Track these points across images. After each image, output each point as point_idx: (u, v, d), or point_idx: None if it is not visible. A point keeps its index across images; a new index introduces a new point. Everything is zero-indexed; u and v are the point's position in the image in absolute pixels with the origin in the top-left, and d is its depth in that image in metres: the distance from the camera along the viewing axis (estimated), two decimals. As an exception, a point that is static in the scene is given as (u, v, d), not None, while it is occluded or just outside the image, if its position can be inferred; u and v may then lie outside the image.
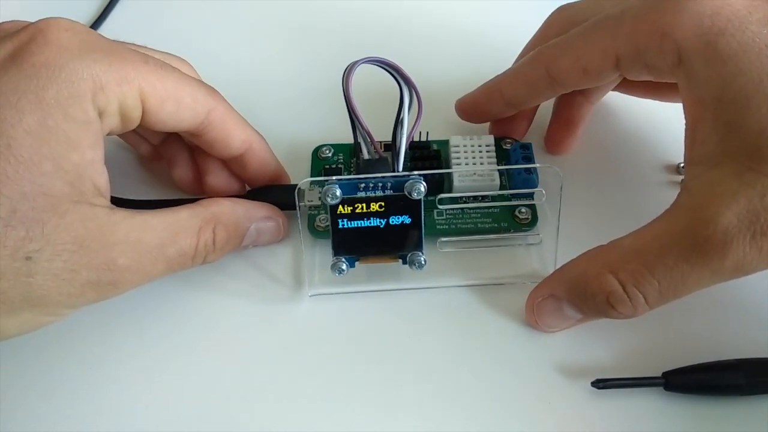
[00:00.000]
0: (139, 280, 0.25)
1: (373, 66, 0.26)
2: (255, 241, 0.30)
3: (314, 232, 0.30)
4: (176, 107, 0.26)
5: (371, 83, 0.27)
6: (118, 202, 0.30)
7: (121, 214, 0.25)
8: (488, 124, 0.34)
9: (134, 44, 0.28)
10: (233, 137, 0.29)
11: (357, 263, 0.28)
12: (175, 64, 0.28)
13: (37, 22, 0.24)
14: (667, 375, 0.26)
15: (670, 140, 0.34)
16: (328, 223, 0.27)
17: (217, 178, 0.31)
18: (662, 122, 0.35)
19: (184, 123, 0.27)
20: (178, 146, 0.31)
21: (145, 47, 0.28)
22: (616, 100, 0.35)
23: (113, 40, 0.26)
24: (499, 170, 0.31)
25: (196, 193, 0.31)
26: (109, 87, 0.24)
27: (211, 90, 0.28)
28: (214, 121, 0.28)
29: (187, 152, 0.31)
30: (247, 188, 0.31)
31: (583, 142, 0.34)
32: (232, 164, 0.30)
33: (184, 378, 0.27)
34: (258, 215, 0.29)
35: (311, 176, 0.32)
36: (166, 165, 0.32)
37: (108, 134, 0.26)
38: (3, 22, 0.26)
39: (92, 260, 0.24)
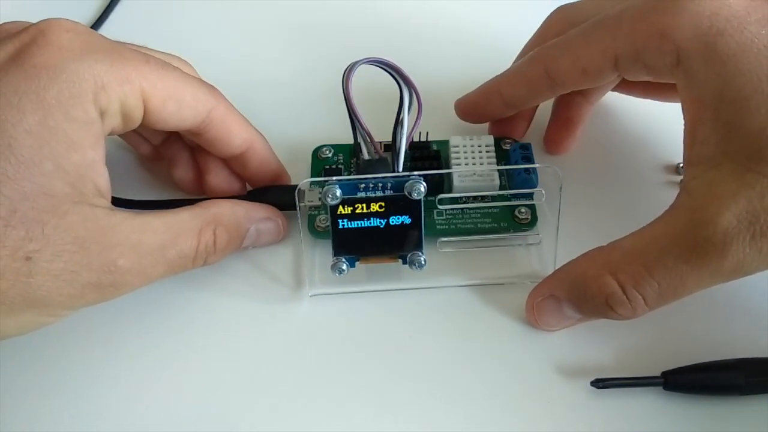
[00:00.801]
0: (139, 282, 0.25)
1: (373, 66, 0.27)
2: (255, 242, 0.30)
3: (314, 232, 0.30)
4: (178, 106, 0.26)
5: (371, 84, 0.27)
6: (118, 202, 0.30)
7: (122, 215, 0.25)
8: (488, 124, 0.34)
9: (135, 44, 0.28)
10: (234, 135, 0.29)
11: (357, 263, 0.28)
12: (176, 64, 0.28)
13: (38, 23, 0.25)
14: (666, 375, 0.26)
15: (670, 140, 0.34)
16: (329, 223, 0.27)
17: (217, 177, 0.31)
18: (662, 122, 0.35)
19: (185, 122, 0.27)
20: (178, 146, 0.31)
21: (146, 47, 0.28)
22: (616, 100, 0.35)
23: (114, 41, 0.26)
24: (498, 170, 0.31)
25: (196, 193, 0.32)
26: (111, 87, 0.24)
27: (212, 89, 0.28)
28: (215, 119, 0.28)
29: (188, 152, 0.31)
30: (248, 188, 0.31)
31: (583, 142, 0.34)
32: (233, 163, 0.30)
33: (184, 378, 0.27)
34: (258, 216, 0.29)
35: (311, 177, 0.32)
36: (166, 165, 0.32)
37: (109, 134, 0.26)
38: (4, 23, 0.26)
39: (93, 261, 0.24)
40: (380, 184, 0.27)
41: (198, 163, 0.31)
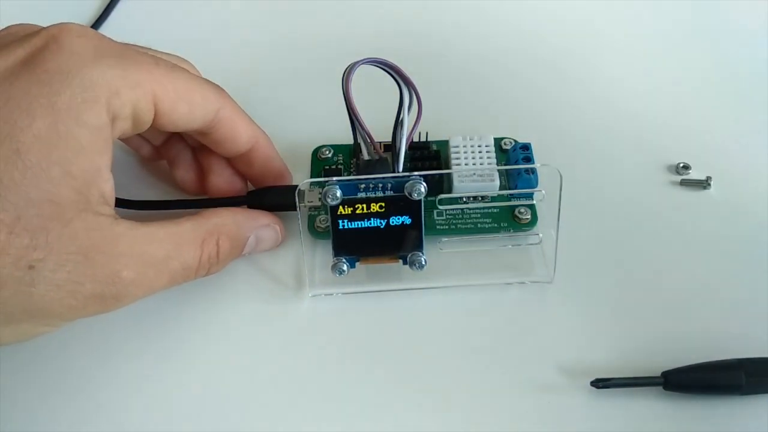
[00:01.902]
0: (142, 294, 0.25)
1: (373, 66, 0.27)
2: (254, 250, 0.30)
3: (315, 232, 0.30)
4: (188, 108, 0.26)
5: (371, 84, 0.27)
6: (117, 202, 0.30)
7: (126, 224, 0.24)
8: (488, 123, 0.34)
9: (138, 46, 0.28)
10: (241, 134, 0.29)
11: (357, 264, 0.28)
12: (179, 65, 0.28)
13: (48, 28, 0.24)
14: (666, 374, 0.26)
15: (670, 140, 0.34)
16: (329, 223, 0.27)
17: (220, 177, 0.31)
18: (662, 122, 0.35)
19: (195, 123, 0.27)
20: (180, 147, 0.31)
21: (149, 49, 0.28)
22: (616, 99, 0.35)
23: (123, 44, 0.26)
24: (498, 170, 0.31)
25: (198, 194, 0.32)
26: (123, 92, 0.24)
27: (219, 88, 0.28)
28: (223, 118, 0.28)
29: (190, 152, 0.31)
30: (249, 187, 0.31)
31: (583, 141, 0.34)
32: (238, 162, 0.30)
33: (184, 378, 0.27)
34: (258, 224, 0.29)
35: (311, 177, 0.32)
36: (167, 165, 0.32)
37: (117, 138, 0.26)
38: (11, 26, 0.26)
39: (97, 272, 0.23)
40: (380, 185, 0.27)
41: (200, 163, 0.31)
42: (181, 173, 0.31)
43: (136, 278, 0.24)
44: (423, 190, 0.26)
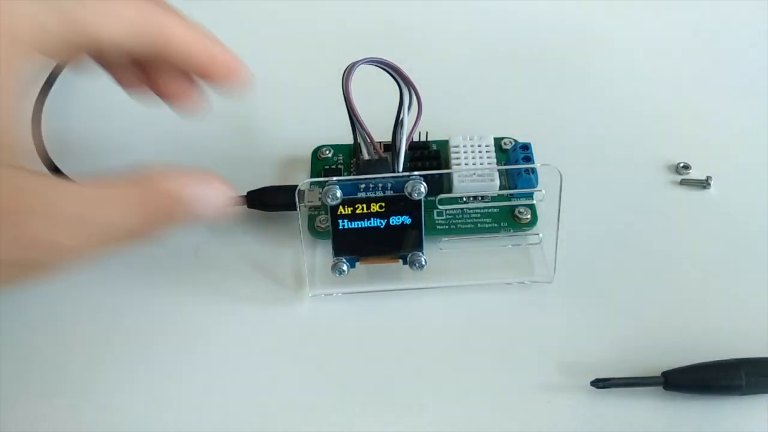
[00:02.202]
0: (67, 256, 0.22)
1: (373, 66, 0.27)
2: (197, 213, 0.25)
3: (315, 232, 0.30)
4: (123, 28, 0.24)
5: (371, 83, 0.27)
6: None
7: (50, 181, 0.22)
8: (488, 123, 0.34)
9: None
10: (179, 42, 0.26)
11: (357, 264, 0.28)
12: None
13: None
14: (666, 374, 0.26)
15: (670, 140, 0.34)
16: (329, 223, 0.27)
17: (170, 81, 0.28)
18: (662, 122, 0.35)
19: (130, 42, 0.25)
20: (119, 59, 0.28)
21: None
22: (616, 99, 0.35)
23: None
24: (498, 170, 0.31)
25: (151, 99, 0.29)
26: (50, 25, 0.22)
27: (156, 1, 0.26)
28: (159, 29, 0.25)
29: (129, 63, 0.28)
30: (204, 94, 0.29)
31: (583, 141, 0.34)
32: (186, 67, 0.28)
33: (184, 379, 0.27)
34: (199, 181, 0.25)
35: (311, 177, 0.32)
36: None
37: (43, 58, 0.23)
38: None
39: (11, 233, 0.20)
40: (380, 185, 0.27)
41: (144, 69, 0.28)
42: (129, 87, 0.29)
43: (59, 240, 0.21)
44: (423, 190, 0.26)
